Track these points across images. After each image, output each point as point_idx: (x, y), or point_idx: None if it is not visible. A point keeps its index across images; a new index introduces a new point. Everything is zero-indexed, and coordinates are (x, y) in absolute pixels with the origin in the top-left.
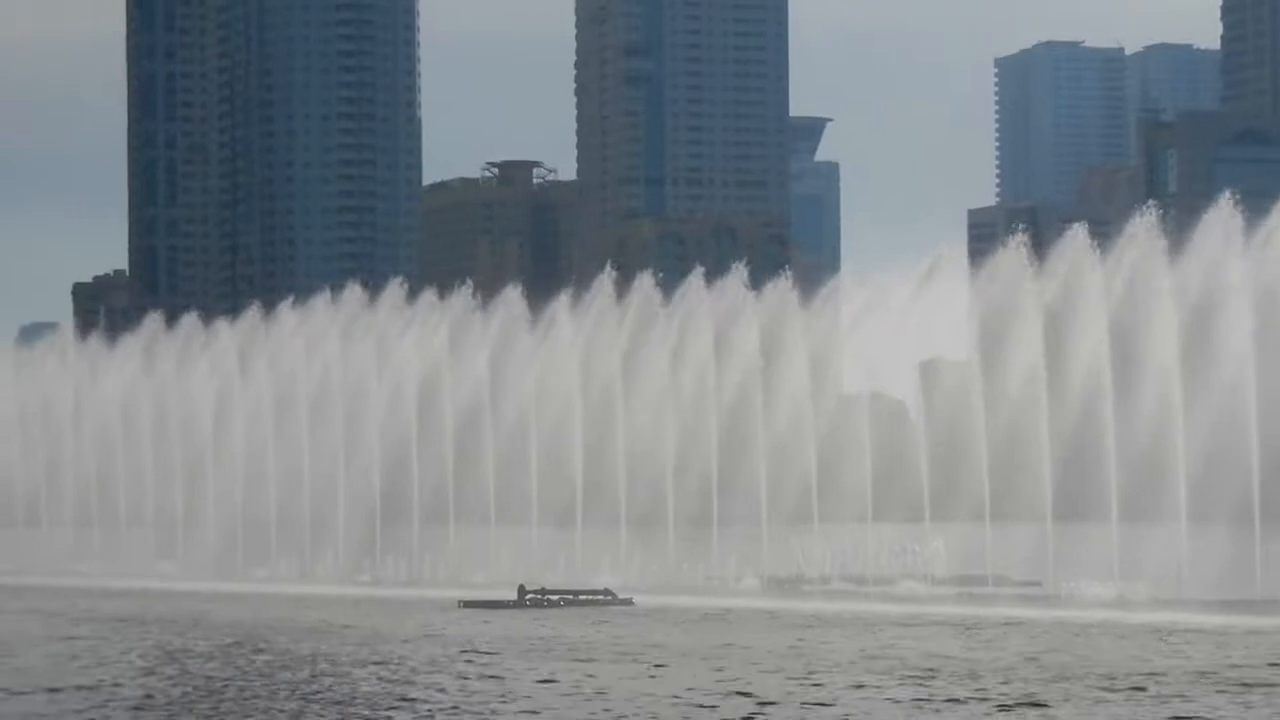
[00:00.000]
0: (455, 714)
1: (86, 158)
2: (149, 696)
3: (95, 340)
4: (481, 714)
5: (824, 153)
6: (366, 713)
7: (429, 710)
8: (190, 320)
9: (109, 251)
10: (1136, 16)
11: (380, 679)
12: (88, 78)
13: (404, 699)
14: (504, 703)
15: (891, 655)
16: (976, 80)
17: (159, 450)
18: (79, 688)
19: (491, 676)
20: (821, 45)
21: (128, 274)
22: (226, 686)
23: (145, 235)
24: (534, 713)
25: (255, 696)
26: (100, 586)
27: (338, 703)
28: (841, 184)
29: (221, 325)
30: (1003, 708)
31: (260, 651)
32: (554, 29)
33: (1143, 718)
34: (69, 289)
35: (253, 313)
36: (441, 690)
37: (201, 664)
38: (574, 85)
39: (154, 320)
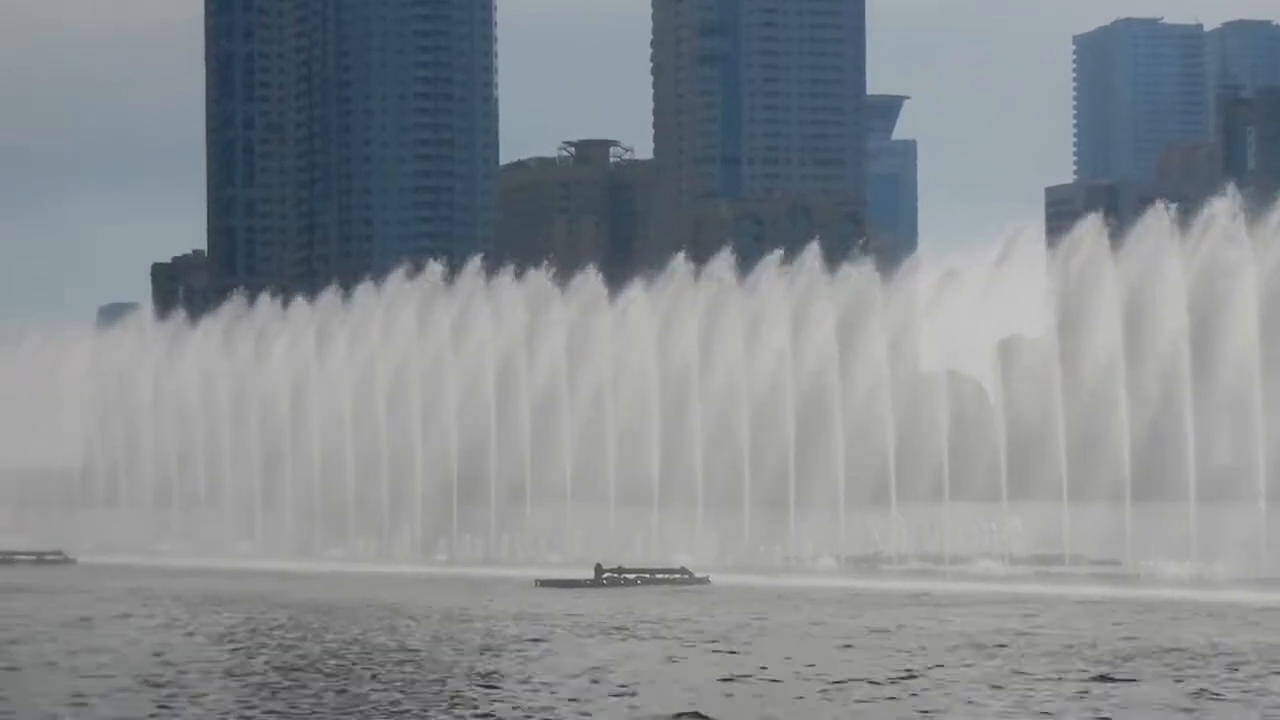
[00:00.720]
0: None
1: (165, 139)
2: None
3: (174, 320)
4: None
5: (901, 131)
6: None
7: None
8: (266, 300)
9: (188, 232)
10: None
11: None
12: (166, 59)
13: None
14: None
15: (970, 633)
16: (1054, 58)
17: (238, 430)
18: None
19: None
20: (898, 23)
21: (206, 254)
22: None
23: (224, 215)
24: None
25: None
26: (179, 566)
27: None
28: (919, 162)
29: (299, 305)
30: (1080, 684)
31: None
32: (630, 8)
33: (1218, 694)
34: (148, 269)
35: (330, 293)
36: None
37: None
38: (650, 65)
39: (236, 300)
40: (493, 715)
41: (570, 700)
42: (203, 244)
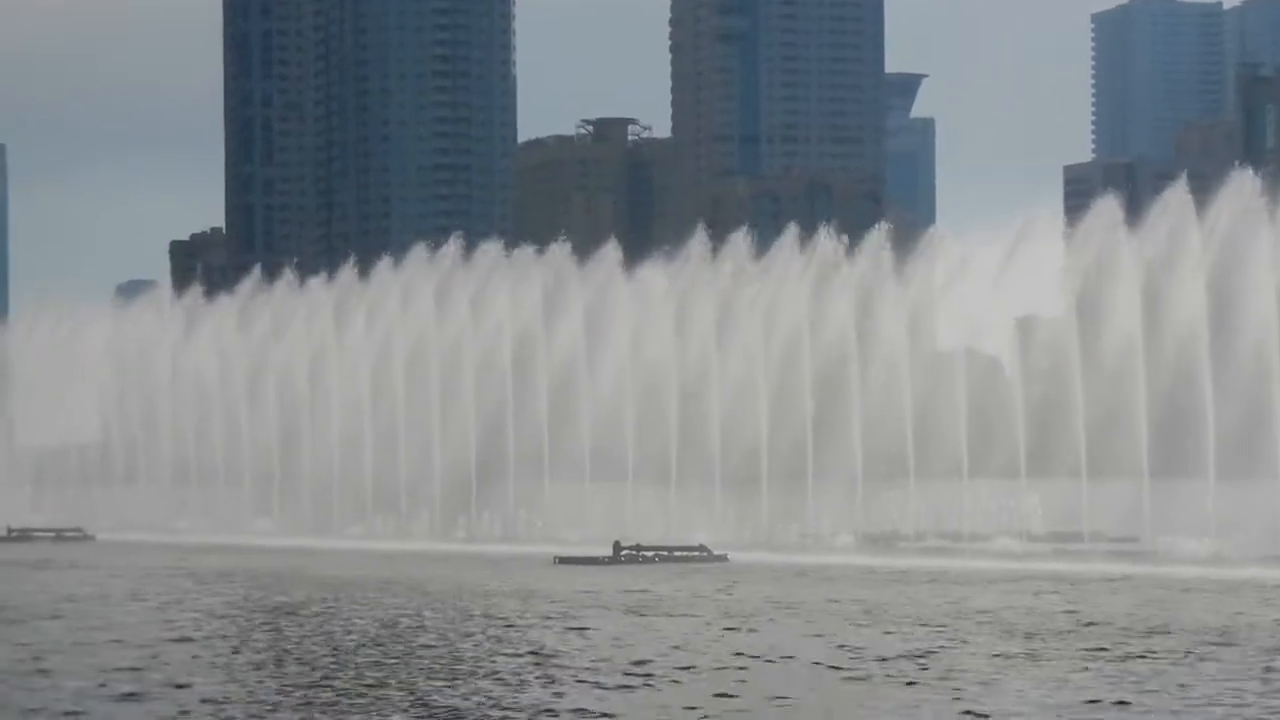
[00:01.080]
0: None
1: (183, 116)
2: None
3: (192, 297)
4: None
5: (919, 109)
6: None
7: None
8: (286, 278)
9: (206, 209)
10: None
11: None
12: (184, 37)
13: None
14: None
15: (987, 611)
16: (1073, 36)
17: (255, 408)
18: (172, 640)
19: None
20: (917, 1)
21: (224, 232)
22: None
23: (242, 193)
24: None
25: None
26: (197, 543)
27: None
28: (937, 140)
29: (317, 282)
30: (1098, 662)
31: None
32: None
33: (1236, 672)
34: (166, 247)
35: (348, 270)
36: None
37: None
38: (669, 42)
39: (255, 276)
40: (512, 689)
41: (583, 678)
42: (221, 221)
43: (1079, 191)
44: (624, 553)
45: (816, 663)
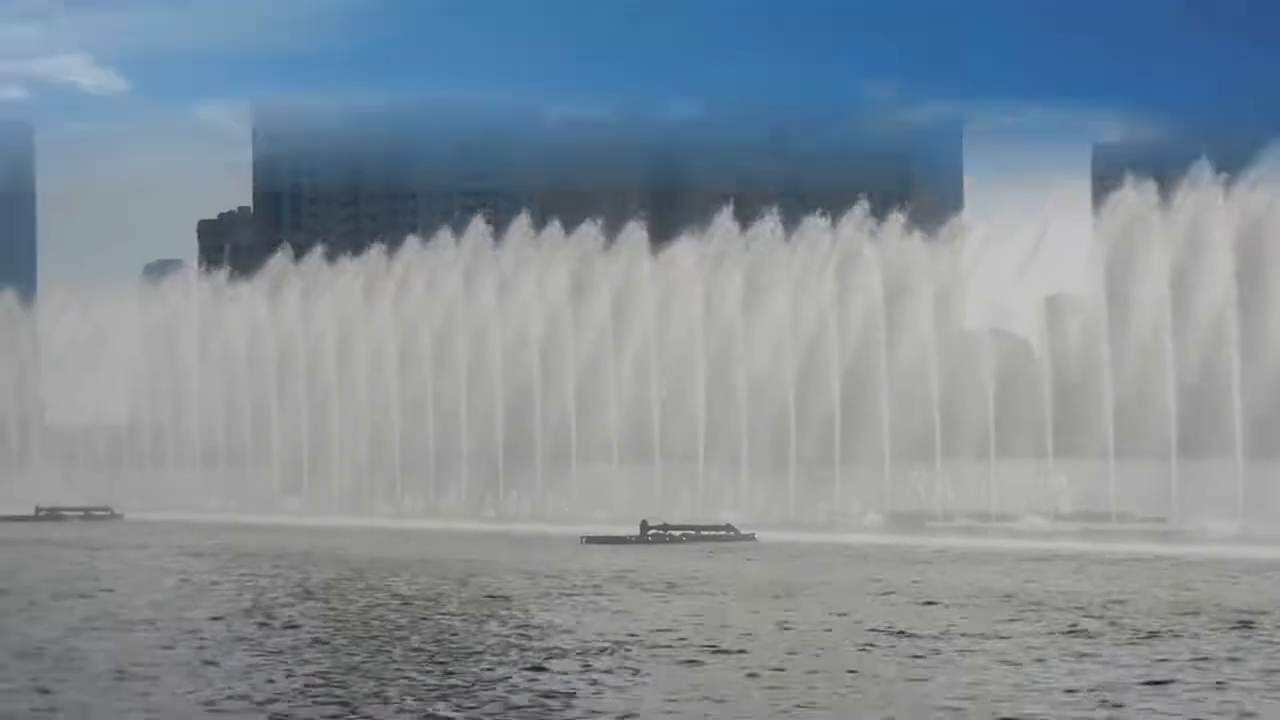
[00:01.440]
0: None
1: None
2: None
3: (220, 277)
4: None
5: None
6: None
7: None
8: (315, 256)
9: (234, 189)
10: None
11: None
12: None
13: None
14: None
15: (1015, 590)
16: None
17: (284, 387)
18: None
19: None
20: None
21: (252, 211)
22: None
23: (270, 173)
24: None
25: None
26: (226, 522)
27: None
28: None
29: (345, 262)
30: (1122, 643)
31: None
32: None
33: (1255, 653)
34: (194, 226)
35: (376, 250)
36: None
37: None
38: None
39: (282, 255)
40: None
41: (606, 650)
42: (249, 201)
43: (1108, 171)
44: (651, 532)
45: (838, 638)
